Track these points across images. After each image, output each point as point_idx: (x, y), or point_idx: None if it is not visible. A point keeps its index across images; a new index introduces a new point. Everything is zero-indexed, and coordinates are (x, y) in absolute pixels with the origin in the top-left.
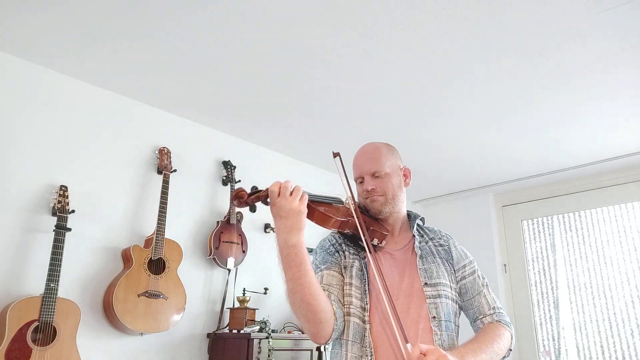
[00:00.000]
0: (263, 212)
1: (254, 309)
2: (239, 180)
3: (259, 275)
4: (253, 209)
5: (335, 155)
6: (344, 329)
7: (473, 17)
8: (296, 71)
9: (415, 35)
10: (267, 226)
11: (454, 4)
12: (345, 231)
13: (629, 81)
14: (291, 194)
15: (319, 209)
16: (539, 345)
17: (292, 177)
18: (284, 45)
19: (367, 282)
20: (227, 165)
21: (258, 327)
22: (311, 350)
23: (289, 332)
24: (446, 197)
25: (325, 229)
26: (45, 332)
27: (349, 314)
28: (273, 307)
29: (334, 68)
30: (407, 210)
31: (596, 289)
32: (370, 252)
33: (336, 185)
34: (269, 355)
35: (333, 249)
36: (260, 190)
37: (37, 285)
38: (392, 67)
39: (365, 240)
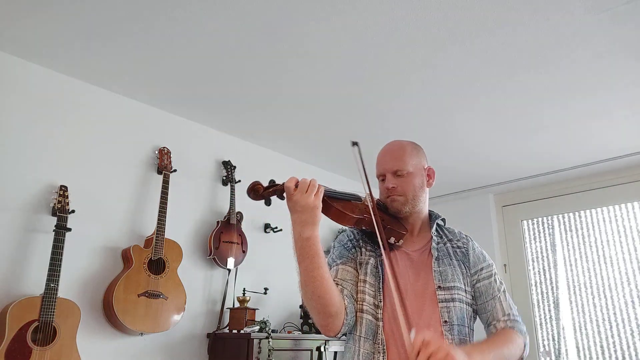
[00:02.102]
0: (262, 212)
1: (254, 309)
2: (239, 181)
3: (259, 275)
4: (268, 203)
5: (354, 144)
6: (356, 325)
7: (475, 18)
8: (296, 71)
9: (415, 35)
10: (267, 226)
11: (457, 6)
12: (362, 228)
13: (628, 81)
14: (307, 189)
15: (335, 205)
16: (539, 345)
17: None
18: (284, 45)
19: (381, 280)
20: (227, 165)
21: (258, 327)
22: (311, 350)
23: (289, 332)
24: (446, 197)
25: (340, 225)
26: (45, 332)
27: (362, 311)
28: (273, 307)
29: (334, 68)
30: (429, 210)
31: (596, 289)
32: (384, 250)
33: (337, 186)
34: (269, 355)
35: (350, 244)
36: (277, 184)
37: (37, 285)
38: (392, 67)
39: (381, 238)
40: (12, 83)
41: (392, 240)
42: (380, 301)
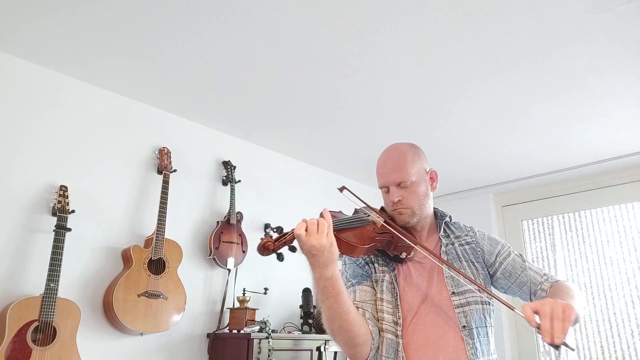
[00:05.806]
0: (262, 212)
1: (254, 309)
2: (239, 181)
3: (259, 275)
4: (281, 258)
5: (341, 189)
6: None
7: (474, 19)
8: (296, 71)
9: (418, 37)
10: (267, 226)
11: (457, 6)
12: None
13: (628, 81)
14: (318, 230)
15: (346, 239)
16: (539, 346)
17: (291, 177)
18: (283, 46)
19: (398, 297)
20: (227, 165)
21: (258, 327)
22: (311, 350)
23: (289, 332)
24: (446, 197)
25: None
26: (45, 332)
27: (382, 330)
28: (273, 307)
29: (335, 69)
30: (434, 209)
31: (596, 289)
32: (432, 254)
33: (335, 186)
34: (269, 355)
35: (363, 262)
36: (287, 234)
37: (37, 285)
38: (393, 66)
39: (430, 252)
40: (12, 83)
41: (403, 255)
42: (399, 318)
